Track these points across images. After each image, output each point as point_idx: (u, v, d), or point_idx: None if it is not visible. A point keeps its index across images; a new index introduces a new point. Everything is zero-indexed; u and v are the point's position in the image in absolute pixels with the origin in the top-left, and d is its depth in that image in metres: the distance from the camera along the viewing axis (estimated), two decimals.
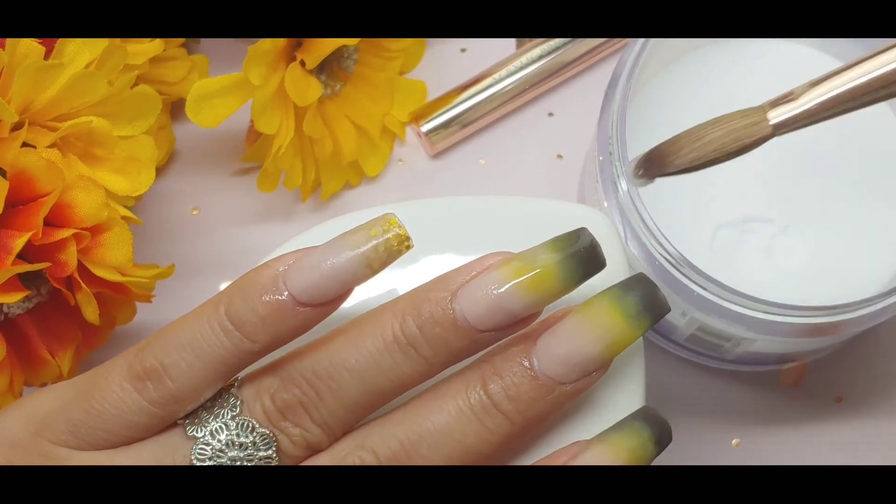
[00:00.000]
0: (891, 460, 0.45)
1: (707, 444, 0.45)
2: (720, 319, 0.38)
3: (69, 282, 0.37)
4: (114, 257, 0.37)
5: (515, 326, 0.31)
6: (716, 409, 0.46)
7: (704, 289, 0.37)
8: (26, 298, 0.38)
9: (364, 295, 0.34)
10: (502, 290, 0.30)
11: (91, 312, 0.37)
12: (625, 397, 0.33)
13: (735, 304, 0.37)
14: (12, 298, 0.35)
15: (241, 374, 0.32)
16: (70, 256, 0.36)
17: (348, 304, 0.31)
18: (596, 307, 0.31)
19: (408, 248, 0.30)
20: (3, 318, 0.38)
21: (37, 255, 0.36)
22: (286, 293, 0.30)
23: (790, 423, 0.46)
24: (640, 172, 0.30)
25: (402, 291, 0.33)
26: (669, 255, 0.37)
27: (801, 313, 0.37)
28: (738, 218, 0.41)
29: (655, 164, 0.29)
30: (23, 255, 0.36)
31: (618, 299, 0.31)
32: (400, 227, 0.30)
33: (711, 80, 0.43)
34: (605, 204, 0.39)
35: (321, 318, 0.30)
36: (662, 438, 0.32)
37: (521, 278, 0.30)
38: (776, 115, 0.32)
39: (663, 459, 0.32)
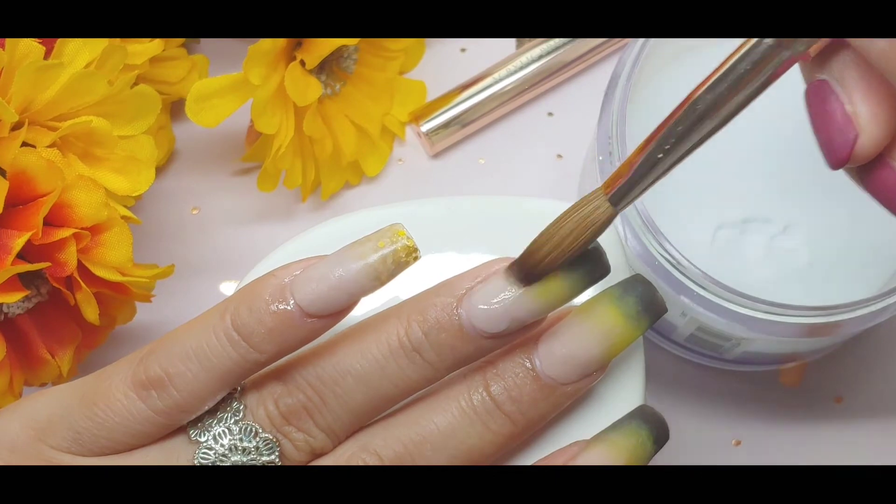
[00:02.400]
0: (891, 460, 0.45)
1: (707, 444, 0.45)
2: (720, 319, 0.38)
3: (69, 282, 0.37)
4: (114, 257, 0.37)
5: (520, 332, 0.31)
6: (716, 409, 0.46)
7: (704, 289, 0.37)
8: (26, 298, 0.38)
9: (366, 299, 0.34)
10: (509, 297, 0.30)
11: (91, 312, 0.37)
12: (625, 397, 0.33)
13: (735, 304, 0.37)
14: (12, 298, 0.35)
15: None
16: (70, 256, 0.36)
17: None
18: (596, 308, 0.31)
19: (415, 259, 0.30)
20: (3, 318, 0.38)
21: (37, 254, 0.36)
22: (293, 304, 0.30)
23: (790, 423, 0.46)
24: (519, 277, 0.30)
25: (402, 291, 0.33)
26: (669, 255, 0.37)
27: (801, 313, 0.37)
28: (738, 218, 0.41)
29: (527, 273, 0.30)
30: (23, 255, 0.36)
31: (617, 299, 0.31)
32: (408, 238, 0.30)
33: None
34: None
35: (327, 328, 0.30)
36: (660, 437, 0.32)
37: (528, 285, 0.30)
38: (611, 192, 0.30)
39: (664, 459, 0.32)
